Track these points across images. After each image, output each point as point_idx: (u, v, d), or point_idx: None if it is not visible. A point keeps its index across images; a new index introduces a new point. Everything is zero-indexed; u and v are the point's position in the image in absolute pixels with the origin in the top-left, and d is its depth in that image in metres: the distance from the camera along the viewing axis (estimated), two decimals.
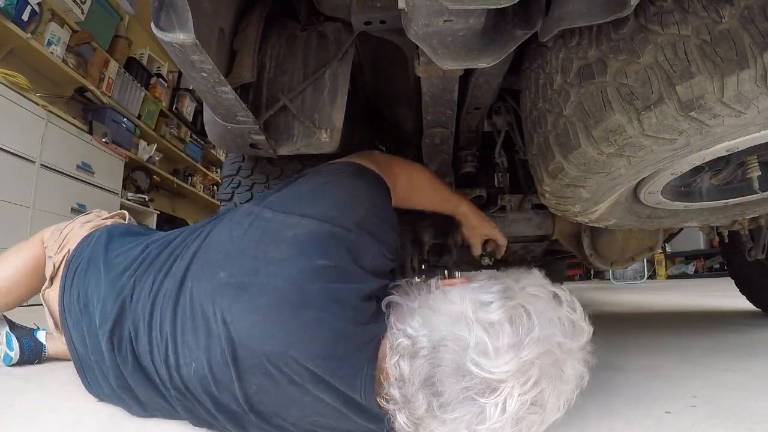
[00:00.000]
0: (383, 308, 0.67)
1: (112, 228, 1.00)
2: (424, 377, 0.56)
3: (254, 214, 0.74)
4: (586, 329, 0.61)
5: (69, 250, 0.99)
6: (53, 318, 0.99)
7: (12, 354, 1.16)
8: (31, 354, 1.19)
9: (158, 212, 4.62)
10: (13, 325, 1.19)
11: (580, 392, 0.59)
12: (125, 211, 1.21)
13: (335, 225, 0.68)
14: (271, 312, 0.63)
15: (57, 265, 1.00)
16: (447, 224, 1.54)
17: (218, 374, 0.65)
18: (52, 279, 1.01)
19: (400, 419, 0.58)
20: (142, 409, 0.80)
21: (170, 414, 0.78)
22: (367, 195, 0.79)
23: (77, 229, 1.06)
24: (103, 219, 1.13)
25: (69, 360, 0.92)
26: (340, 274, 0.65)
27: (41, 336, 1.21)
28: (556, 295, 0.62)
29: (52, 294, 0.97)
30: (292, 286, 0.63)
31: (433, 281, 0.69)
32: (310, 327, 0.61)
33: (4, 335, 1.17)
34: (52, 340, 1.21)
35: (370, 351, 0.62)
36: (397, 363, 0.59)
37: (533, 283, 0.64)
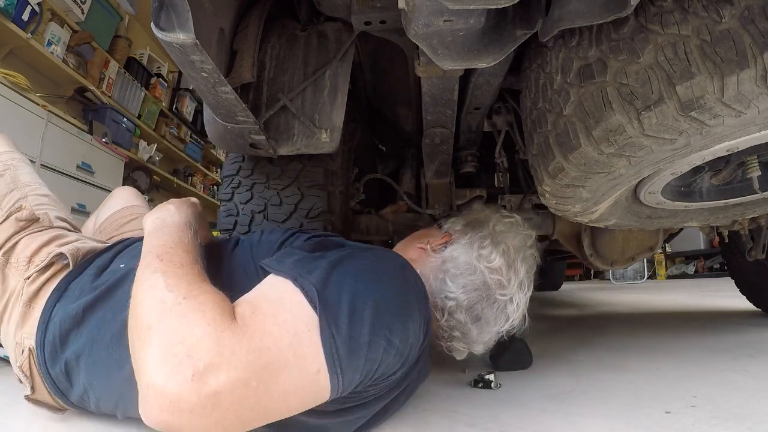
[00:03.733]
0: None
1: (72, 305, 0.76)
2: (472, 318, 0.81)
3: None
4: (533, 234, 0.92)
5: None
6: (58, 412, 0.81)
7: None
8: None
9: None
10: None
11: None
12: (60, 252, 0.83)
13: None
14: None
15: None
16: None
17: None
18: (34, 390, 0.78)
19: (458, 346, 0.84)
20: None
21: None
22: None
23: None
24: (43, 271, 0.82)
25: None
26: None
27: None
28: (513, 222, 0.92)
29: (40, 397, 0.79)
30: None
31: (427, 246, 0.89)
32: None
33: None
34: None
35: None
36: (450, 317, 0.81)
37: (497, 219, 0.91)
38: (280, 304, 0.56)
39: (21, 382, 0.77)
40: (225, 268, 0.80)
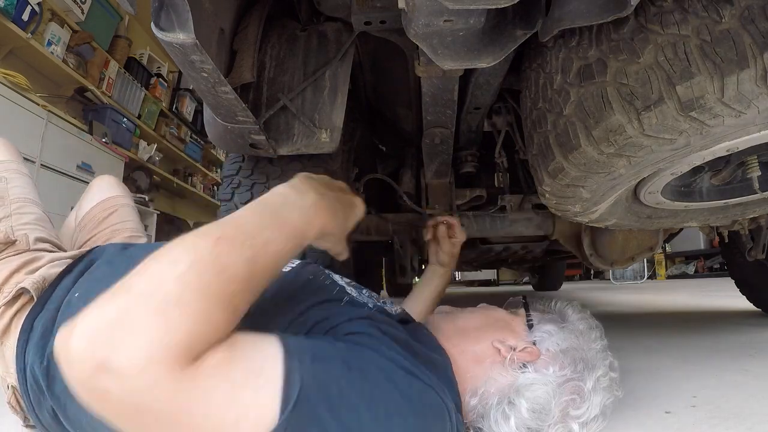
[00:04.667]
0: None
1: (38, 356, 0.69)
2: None
3: None
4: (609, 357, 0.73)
5: None
6: None
7: None
8: None
9: (158, 212, 4.62)
10: None
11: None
12: (21, 288, 0.77)
13: None
14: None
15: None
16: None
17: None
18: (27, 422, 0.76)
19: None
20: None
21: None
22: None
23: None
24: (9, 305, 0.76)
25: None
26: None
27: None
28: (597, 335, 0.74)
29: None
30: None
31: (507, 354, 0.69)
32: None
33: None
34: None
35: None
36: None
37: (601, 359, 0.71)
38: (251, 378, 0.44)
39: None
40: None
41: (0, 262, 0.81)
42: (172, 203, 5.66)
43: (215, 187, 6.51)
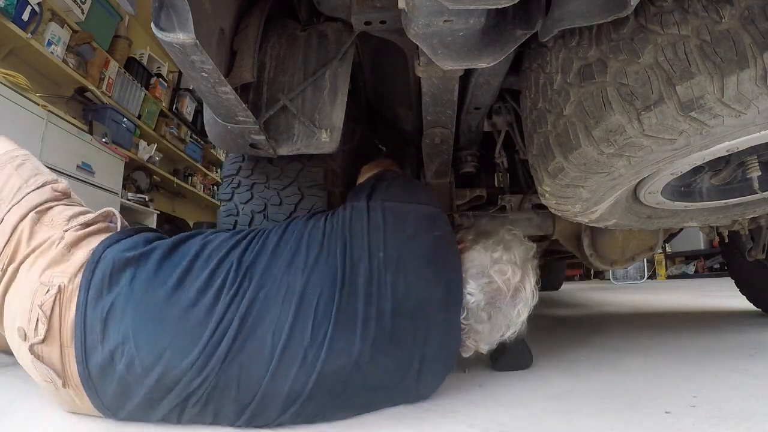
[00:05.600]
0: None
1: (125, 252, 0.79)
2: (487, 317, 0.91)
3: (377, 208, 0.92)
4: (534, 246, 1.01)
5: (60, 286, 0.76)
6: (59, 378, 0.76)
7: None
8: None
9: (158, 212, 4.62)
10: None
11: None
12: (110, 209, 0.93)
13: (437, 207, 0.98)
14: (421, 269, 0.88)
15: (47, 317, 0.74)
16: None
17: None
18: (45, 338, 0.74)
19: (468, 343, 0.94)
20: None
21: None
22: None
23: (58, 245, 0.81)
24: (87, 226, 0.86)
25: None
26: (448, 240, 0.95)
27: None
28: (518, 234, 1.01)
29: (47, 350, 0.75)
30: (428, 252, 0.90)
31: None
32: (440, 275, 0.91)
33: None
34: None
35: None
36: (469, 314, 0.91)
37: (505, 230, 1.01)
38: None
39: (25, 334, 0.74)
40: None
41: (62, 205, 0.91)
42: (172, 203, 5.66)
43: (215, 187, 6.51)
